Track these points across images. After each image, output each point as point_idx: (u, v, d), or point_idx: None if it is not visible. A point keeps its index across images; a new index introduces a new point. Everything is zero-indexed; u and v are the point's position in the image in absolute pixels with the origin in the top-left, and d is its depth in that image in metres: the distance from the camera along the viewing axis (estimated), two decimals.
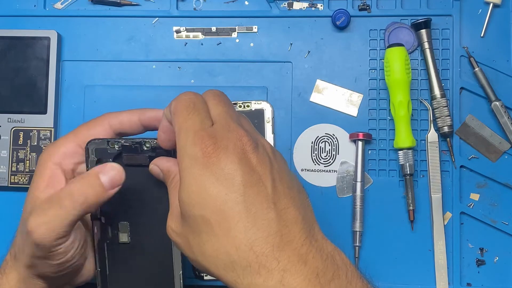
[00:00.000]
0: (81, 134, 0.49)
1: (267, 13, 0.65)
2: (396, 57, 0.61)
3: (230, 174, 0.37)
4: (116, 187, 0.46)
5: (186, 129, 0.39)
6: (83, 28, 0.66)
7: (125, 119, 0.50)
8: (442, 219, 0.62)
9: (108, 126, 0.49)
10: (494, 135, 0.63)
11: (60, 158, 0.48)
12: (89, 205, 0.45)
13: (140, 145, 0.47)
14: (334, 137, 0.64)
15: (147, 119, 0.50)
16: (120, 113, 0.50)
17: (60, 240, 0.44)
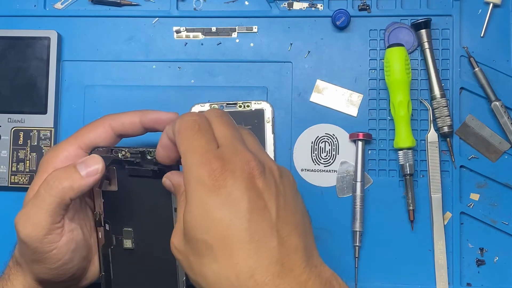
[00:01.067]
0: (82, 136, 0.49)
1: (267, 13, 0.65)
2: (396, 57, 0.61)
3: (236, 200, 0.37)
4: (94, 175, 0.45)
5: (193, 150, 0.39)
6: (83, 28, 0.66)
7: (126, 121, 0.50)
8: (442, 219, 0.62)
9: (109, 127, 0.49)
10: (494, 135, 0.63)
11: (61, 163, 0.47)
12: (64, 189, 0.44)
13: (143, 155, 0.47)
14: (334, 137, 0.64)
15: (148, 121, 0.50)
16: (121, 114, 0.50)
17: (49, 237, 0.44)
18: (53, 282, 0.47)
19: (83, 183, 0.45)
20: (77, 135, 0.49)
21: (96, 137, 0.48)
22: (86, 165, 0.45)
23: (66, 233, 0.46)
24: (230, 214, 0.37)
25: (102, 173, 0.46)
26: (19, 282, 0.47)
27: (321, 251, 0.63)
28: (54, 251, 0.45)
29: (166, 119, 0.50)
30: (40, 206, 0.44)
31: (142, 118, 0.50)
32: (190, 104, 0.64)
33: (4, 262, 0.51)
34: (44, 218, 0.44)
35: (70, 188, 0.44)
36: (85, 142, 0.48)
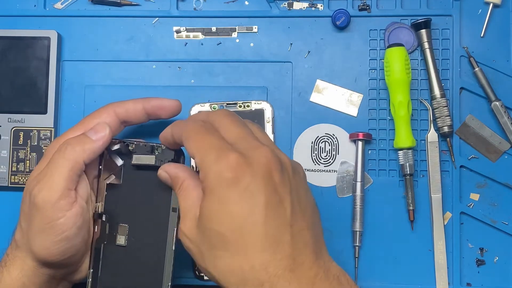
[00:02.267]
0: (88, 123, 0.51)
1: (267, 13, 0.65)
2: (396, 57, 0.61)
3: (254, 194, 0.38)
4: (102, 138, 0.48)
5: (207, 149, 0.39)
6: (83, 28, 0.66)
7: (130, 107, 0.52)
8: (442, 219, 0.62)
9: (113, 113, 0.51)
10: (494, 135, 0.63)
11: None
12: (76, 153, 0.46)
13: (152, 149, 0.49)
14: (334, 137, 0.64)
15: (151, 107, 0.52)
16: (125, 102, 0.53)
17: (61, 202, 0.45)
18: (52, 263, 0.47)
19: (94, 145, 0.47)
20: (82, 122, 0.51)
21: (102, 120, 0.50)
22: (95, 130, 0.48)
23: (76, 204, 0.47)
24: (248, 208, 0.37)
25: (110, 135, 0.49)
26: (16, 267, 0.48)
27: None
28: (62, 219, 0.46)
29: (168, 106, 0.53)
30: (55, 170, 0.46)
31: (145, 105, 0.52)
32: (190, 104, 0.64)
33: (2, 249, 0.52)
34: (59, 181, 0.46)
35: (82, 151, 0.47)
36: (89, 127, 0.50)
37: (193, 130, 0.41)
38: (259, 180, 0.38)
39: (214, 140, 0.40)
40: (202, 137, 0.40)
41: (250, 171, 0.38)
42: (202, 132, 0.41)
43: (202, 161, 0.39)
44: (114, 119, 0.51)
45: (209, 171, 0.39)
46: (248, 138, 0.40)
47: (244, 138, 0.40)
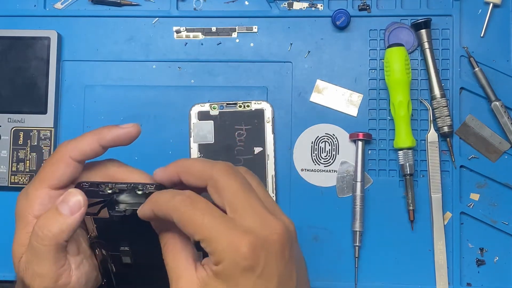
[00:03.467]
0: (47, 177, 0.46)
1: (267, 13, 0.65)
2: (396, 57, 0.61)
3: (268, 278, 0.37)
4: (79, 211, 0.43)
5: (213, 229, 0.37)
6: (83, 28, 0.66)
7: (85, 148, 0.46)
8: (442, 219, 0.62)
9: (69, 160, 0.46)
10: (494, 135, 0.63)
11: (39, 211, 0.46)
12: (55, 235, 0.43)
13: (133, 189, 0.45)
14: (334, 137, 0.64)
15: (107, 142, 0.47)
16: (78, 142, 0.46)
17: (59, 282, 0.43)
18: None
19: (71, 221, 0.43)
20: (41, 177, 0.47)
21: (60, 175, 0.46)
22: (67, 203, 0.44)
23: (74, 271, 0.45)
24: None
25: (86, 205, 0.44)
26: None
27: (321, 251, 0.63)
28: None
29: (124, 135, 0.48)
30: (39, 259, 0.43)
31: (100, 142, 0.47)
32: (190, 104, 0.64)
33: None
34: (49, 268, 0.43)
35: (61, 232, 0.43)
36: (51, 183, 0.46)
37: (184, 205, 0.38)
38: (273, 262, 0.37)
39: (218, 218, 0.37)
40: (196, 217, 0.37)
41: (264, 254, 0.37)
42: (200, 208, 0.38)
43: (210, 245, 0.37)
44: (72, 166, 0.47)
45: (222, 258, 0.37)
46: (257, 208, 0.38)
47: (253, 209, 0.38)
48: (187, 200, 0.38)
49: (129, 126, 0.47)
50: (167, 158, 0.64)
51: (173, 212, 0.38)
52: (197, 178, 0.40)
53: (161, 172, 0.44)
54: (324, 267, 0.63)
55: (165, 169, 0.43)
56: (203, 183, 0.40)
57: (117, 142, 0.47)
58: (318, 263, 0.63)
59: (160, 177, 0.43)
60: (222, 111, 0.63)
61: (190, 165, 0.41)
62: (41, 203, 0.46)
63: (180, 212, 0.38)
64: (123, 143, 0.47)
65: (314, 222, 0.63)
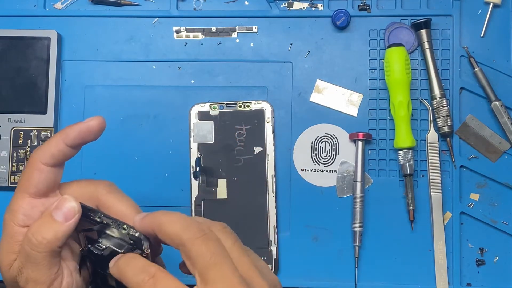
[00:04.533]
0: (25, 187, 0.45)
1: (267, 13, 0.65)
2: (396, 57, 0.61)
3: None
4: (73, 218, 0.43)
5: None
6: (83, 28, 0.66)
7: (53, 150, 0.46)
8: (442, 219, 0.62)
9: (42, 165, 0.46)
10: (494, 135, 0.63)
11: (23, 220, 0.45)
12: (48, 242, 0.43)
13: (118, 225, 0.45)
14: (334, 137, 0.64)
15: (72, 140, 0.46)
16: (46, 146, 0.45)
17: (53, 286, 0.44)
18: None
19: (65, 229, 0.43)
20: (20, 187, 0.46)
21: (37, 182, 0.46)
22: (61, 210, 0.44)
23: (66, 278, 0.45)
24: None
25: (80, 212, 0.44)
26: None
27: (321, 251, 0.63)
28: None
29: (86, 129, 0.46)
30: (34, 263, 0.43)
31: (66, 141, 0.46)
32: (190, 104, 0.64)
33: None
34: (43, 274, 0.43)
35: (55, 239, 0.43)
36: (31, 191, 0.46)
37: (147, 286, 0.38)
38: None
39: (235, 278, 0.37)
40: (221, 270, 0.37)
41: None
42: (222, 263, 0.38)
43: None
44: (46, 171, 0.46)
45: None
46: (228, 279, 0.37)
47: (224, 281, 0.37)
48: (150, 281, 0.38)
49: (90, 120, 0.46)
50: (167, 158, 0.64)
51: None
52: (171, 241, 0.39)
53: (138, 223, 0.42)
54: (324, 267, 0.63)
55: (143, 221, 0.42)
56: (176, 247, 0.39)
57: (82, 138, 0.46)
58: (318, 263, 0.63)
59: (138, 227, 0.42)
60: (222, 111, 0.63)
61: (165, 225, 0.39)
62: (24, 213, 0.45)
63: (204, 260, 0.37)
64: (89, 138, 0.46)
65: (314, 222, 0.63)
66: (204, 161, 0.63)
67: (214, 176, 0.63)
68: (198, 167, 0.63)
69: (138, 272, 0.39)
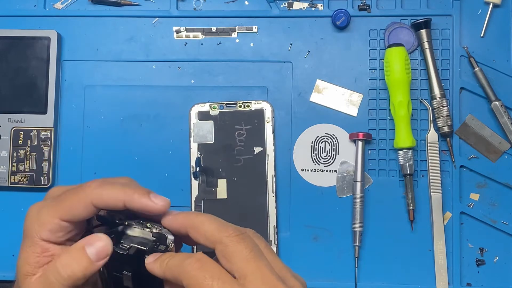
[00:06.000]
0: (63, 210, 0.45)
1: (267, 13, 0.65)
2: (396, 57, 0.61)
3: None
4: (103, 259, 0.43)
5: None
6: (83, 28, 0.66)
7: (109, 202, 0.46)
8: (442, 219, 0.62)
9: (91, 205, 0.45)
10: (494, 135, 0.63)
11: (47, 236, 0.46)
12: (76, 278, 0.43)
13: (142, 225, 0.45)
14: (334, 137, 0.64)
15: (132, 207, 0.45)
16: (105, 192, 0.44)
17: None
18: None
19: (94, 268, 0.43)
20: (58, 207, 0.46)
21: (77, 213, 0.46)
22: (96, 249, 0.43)
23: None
24: None
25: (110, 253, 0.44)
26: None
27: (321, 251, 0.63)
28: None
29: (152, 208, 0.45)
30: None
31: (127, 203, 0.46)
32: (190, 104, 0.64)
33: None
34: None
35: (83, 277, 0.43)
36: (67, 217, 0.46)
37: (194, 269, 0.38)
38: None
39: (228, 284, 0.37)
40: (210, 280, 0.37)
41: None
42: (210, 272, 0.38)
43: None
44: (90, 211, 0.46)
45: None
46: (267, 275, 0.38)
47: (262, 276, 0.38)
48: (197, 263, 0.38)
49: (160, 202, 0.45)
50: (167, 158, 0.64)
51: (182, 275, 0.38)
52: (206, 239, 0.40)
53: (169, 221, 0.43)
54: (324, 267, 0.63)
55: (174, 219, 0.42)
56: (211, 246, 0.39)
57: (142, 210, 0.45)
58: (318, 263, 0.63)
59: (167, 225, 0.43)
60: (222, 111, 0.63)
61: (200, 224, 0.40)
62: (51, 230, 0.45)
63: (190, 275, 0.38)
64: (147, 213, 0.45)
65: (314, 222, 0.63)
66: (204, 161, 0.63)
67: (214, 176, 0.63)
68: (198, 167, 0.63)
69: (185, 257, 0.39)
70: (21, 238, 0.51)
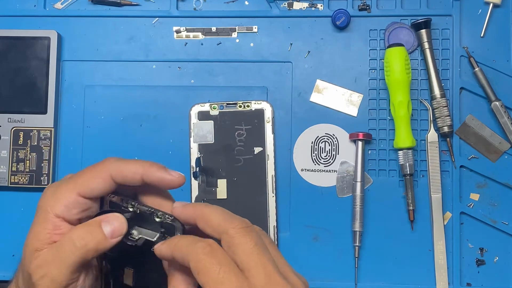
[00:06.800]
0: (82, 184, 0.47)
1: (267, 13, 0.65)
2: (396, 57, 0.61)
3: None
4: (117, 237, 0.45)
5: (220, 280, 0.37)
6: (83, 28, 0.66)
7: (128, 173, 0.47)
8: (442, 219, 0.62)
9: (109, 177, 0.47)
10: (494, 135, 0.63)
11: (62, 211, 0.47)
12: (88, 251, 0.44)
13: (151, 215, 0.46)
14: (334, 137, 0.64)
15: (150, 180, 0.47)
16: (124, 165, 0.47)
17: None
18: None
19: (107, 245, 0.44)
20: (76, 181, 0.47)
21: (95, 188, 0.47)
22: (112, 226, 0.45)
23: (81, 281, 0.46)
24: None
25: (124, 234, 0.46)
26: None
27: (321, 251, 0.63)
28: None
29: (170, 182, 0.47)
30: (62, 264, 0.44)
31: (144, 177, 0.48)
32: (190, 104, 0.64)
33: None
34: (64, 275, 0.44)
35: (95, 250, 0.44)
36: (85, 191, 0.47)
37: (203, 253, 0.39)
38: None
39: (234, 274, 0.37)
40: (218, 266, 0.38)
41: None
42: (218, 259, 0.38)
43: None
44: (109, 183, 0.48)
45: None
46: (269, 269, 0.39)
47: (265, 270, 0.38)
48: (207, 248, 0.39)
49: (176, 175, 0.47)
50: (167, 158, 0.64)
51: (190, 257, 0.39)
52: (213, 230, 0.40)
53: (179, 210, 0.43)
54: (324, 267, 0.63)
55: (184, 209, 0.43)
56: (218, 236, 0.40)
57: (159, 183, 0.46)
58: (318, 263, 0.63)
59: (177, 214, 0.43)
60: (222, 111, 0.63)
61: (209, 215, 0.41)
62: (66, 205, 0.46)
63: (198, 258, 0.38)
64: (163, 187, 0.47)
65: (314, 222, 0.63)
66: (204, 161, 0.63)
67: (214, 176, 0.63)
68: (198, 167, 0.63)
69: (196, 240, 0.40)
70: (21, 238, 0.51)
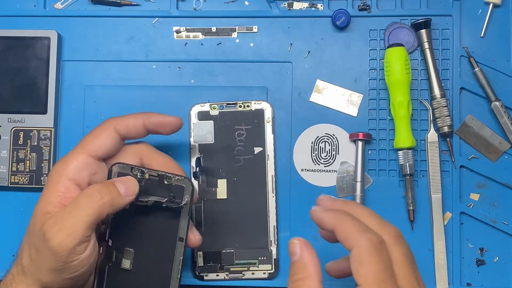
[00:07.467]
0: (89, 144, 0.49)
1: (267, 13, 0.65)
2: (396, 57, 0.61)
3: None
4: (131, 196, 0.46)
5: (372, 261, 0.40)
6: (83, 28, 0.66)
7: (130, 124, 0.51)
8: (442, 219, 0.62)
9: (114, 131, 0.49)
10: (494, 135, 0.63)
11: (73, 173, 0.47)
12: (104, 204, 0.45)
13: (161, 178, 0.48)
14: (334, 137, 0.64)
15: (152, 124, 0.52)
16: (125, 118, 0.51)
17: (78, 248, 0.44)
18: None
19: (121, 201, 0.46)
20: (83, 144, 0.49)
21: (102, 143, 0.49)
22: (125, 185, 0.47)
23: (90, 246, 0.46)
24: None
25: (137, 193, 0.47)
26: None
27: (322, 251, 0.63)
28: (76, 262, 0.45)
29: (169, 123, 0.52)
30: (79, 217, 0.44)
31: (145, 122, 0.51)
32: (190, 104, 0.64)
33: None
34: (80, 229, 0.44)
35: (110, 204, 0.45)
36: (93, 149, 0.48)
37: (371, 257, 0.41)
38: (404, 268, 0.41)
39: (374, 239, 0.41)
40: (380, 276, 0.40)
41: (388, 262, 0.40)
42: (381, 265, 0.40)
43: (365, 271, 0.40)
44: (115, 138, 0.50)
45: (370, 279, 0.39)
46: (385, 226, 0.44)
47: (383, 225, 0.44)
48: (378, 245, 0.41)
49: (175, 118, 0.52)
50: None
51: (358, 242, 0.41)
52: (342, 243, 0.42)
53: (319, 218, 0.45)
54: (324, 267, 0.63)
55: (326, 217, 0.44)
56: (347, 247, 0.41)
57: (160, 127, 0.51)
58: None
59: (316, 220, 0.45)
60: (222, 111, 0.63)
61: (340, 227, 0.42)
62: (77, 166, 0.48)
63: (366, 250, 0.40)
64: (164, 131, 0.52)
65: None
66: (204, 161, 0.63)
67: (214, 176, 0.63)
68: (198, 167, 0.63)
69: (367, 229, 0.42)
70: (21, 238, 0.52)
